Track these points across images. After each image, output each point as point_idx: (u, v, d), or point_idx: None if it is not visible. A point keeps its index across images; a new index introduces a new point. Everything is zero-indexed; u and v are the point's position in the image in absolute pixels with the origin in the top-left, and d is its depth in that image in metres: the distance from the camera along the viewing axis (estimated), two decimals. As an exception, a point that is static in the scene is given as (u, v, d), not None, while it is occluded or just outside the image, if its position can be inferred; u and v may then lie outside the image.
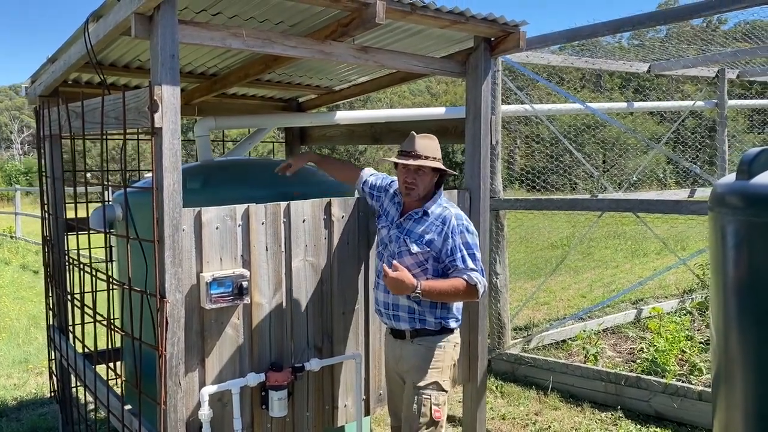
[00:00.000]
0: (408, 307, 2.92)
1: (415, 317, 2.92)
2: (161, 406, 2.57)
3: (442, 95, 37.87)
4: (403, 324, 2.94)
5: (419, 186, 2.91)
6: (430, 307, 2.91)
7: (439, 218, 2.90)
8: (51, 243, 4.00)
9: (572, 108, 7.14)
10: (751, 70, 8.04)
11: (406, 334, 2.95)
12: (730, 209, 2.04)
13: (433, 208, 2.94)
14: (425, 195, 2.96)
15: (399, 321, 2.95)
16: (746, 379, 2.12)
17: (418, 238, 2.89)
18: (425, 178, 2.92)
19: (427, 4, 2.98)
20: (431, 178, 2.95)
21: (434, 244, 2.87)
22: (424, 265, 2.89)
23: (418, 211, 2.95)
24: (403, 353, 2.98)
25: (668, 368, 4.85)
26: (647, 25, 4.95)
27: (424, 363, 2.91)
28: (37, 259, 12.34)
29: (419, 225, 2.92)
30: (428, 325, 2.92)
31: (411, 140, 2.94)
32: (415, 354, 2.94)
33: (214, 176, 3.74)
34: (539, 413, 4.75)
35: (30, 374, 5.88)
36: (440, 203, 2.97)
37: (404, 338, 2.97)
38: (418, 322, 2.92)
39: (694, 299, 7.04)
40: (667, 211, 4.83)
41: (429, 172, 2.92)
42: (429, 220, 2.91)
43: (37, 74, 4.02)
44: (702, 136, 13.19)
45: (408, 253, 2.89)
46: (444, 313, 2.94)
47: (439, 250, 2.87)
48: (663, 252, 11.18)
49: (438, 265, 2.89)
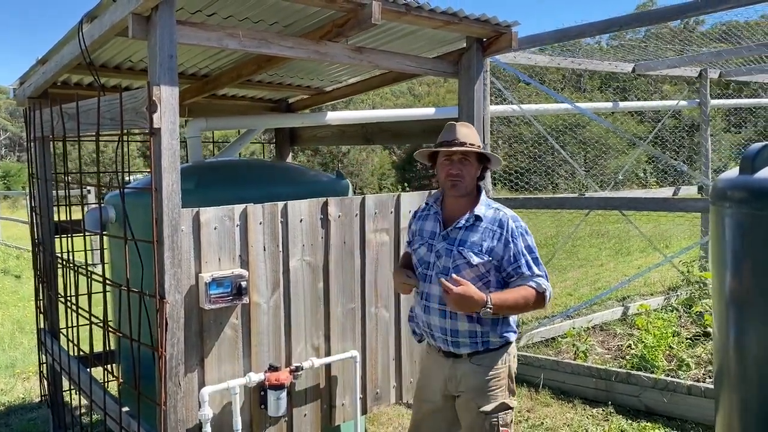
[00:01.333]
0: (469, 331, 2.62)
1: (477, 340, 2.63)
2: (161, 406, 2.56)
3: (424, 96, 37.93)
4: (463, 349, 2.66)
5: (465, 177, 2.61)
6: (492, 325, 2.62)
7: (495, 222, 2.62)
8: (42, 245, 3.97)
9: (558, 108, 7.22)
10: (733, 70, 8.19)
11: (462, 355, 2.68)
12: (734, 203, 2.08)
13: (483, 210, 2.64)
14: (469, 193, 2.66)
15: (459, 347, 2.66)
16: (749, 376, 2.16)
17: (476, 247, 2.59)
18: (471, 169, 2.62)
19: (422, 5, 3.00)
20: (476, 168, 2.65)
21: (495, 251, 2.58)
22: (486, 277, 2.59)
23: (468, 217, 2.63)
24: (458, 373, 2.69)
25: (657, 364, 4.92)
26: (633, 26, 5.03)
27: (486, 385, 2.65)
28: (18, 264, 12.17)
29: (473, 233, 2.61)
30: (492, 345, 2.65)
31: (451, 129, 2.64)
32: (475, 375, 2.66)
33: (207, 177, 3.72)
34: (531, 410, 4.80)
35: (17, 379, 5.81)
36: (489, 204, 2.69)
37: (460, 358, 2.68)
38: (481, 344, 2.63)
39: (679, 296, 7.14)
40: (656, 209, 4.91)
41: (474, 162, 2.63)
42: (483, 225, 2.61)
43: (26, 76, 3.98)
44: (680, 137, 13.38)
45: (467, 266, 2.58)
46: (505, 328, 2.67)
47: (501, 258, 2.58)
48: (647, 250, 11.31)
49: (500, 275, 2.62)
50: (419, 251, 2.76)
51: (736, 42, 7.42)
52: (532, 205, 5.75)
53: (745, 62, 8.05)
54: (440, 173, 2.68)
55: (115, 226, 3.43)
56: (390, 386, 3.52)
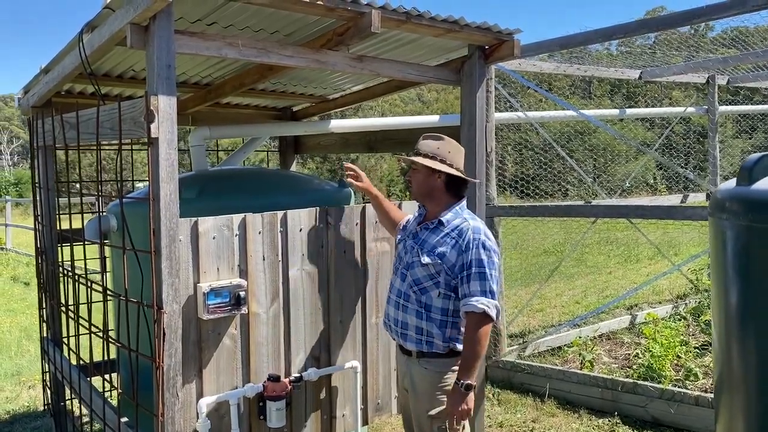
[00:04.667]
0: (416, 327, 2.76)
1: (422, 339, 2.75)
2: (158, 418, 2.54)
3: (433, 103, 37.99)
4: (410, 344, 2.79)
5: (413, 184, 2.85)
6: (439, 327, 2.73)
7: (456, 230, 2.74)
8: (45, 254, 3.97)
9: (565, 115, 7.17)
10: (741, 76, 8.12)
11: (413, 353, 2.81)
12: (731, 215, 2.04)
13: (449, 217, 2.78)
14: (425, 197, 2.85)
15: (407, 340, 2.80)
16: (749, 386, 2.12)
17: (430, 249, 2.74)
18: (418, 176, 2.83)
19: (422, 13, 2.98)
20: (425, 176, 2.81)
21: (447, 257, 2.70)
22: (435, 278, 2.72)
23: (433, 220, 2.81)
24: (411, 372, 2.84)
25: (664, 374, 4.86)
26: (639, 32, 4.99)
27: (433, 389, 2.75)
28: (28, 271, 12.24)
29: (434, 235, 2.77)
30: (436, 348, 2.74)
31: (419, 141, 2.88)
32: (423, 378, 2.78)
33: (209, 186, 3.72)
34: (537, 420, 4.75)
35: (22, 387, 5.82)
36: (459, 214, 2.80)
37: (411, 356, 2.83)
38: (425, 344, 2.75)
39: (688, 304, 7.06)
40: (662, 217, 4.86)
41: (421, 170, 2.81)
42: (444, 230, 2.76)
43: (30, 85, 4.00)
44: (692, 141, 13.30)
45: (419, 265, 2.75)
46: (454, 334, 2.76)
47: (453, 264, 2.69)
48: (656, 257, 11.23)
49: (451, 280, 2.71)
50: (399, 246, 3.00)
51: (745, 48, 7.36)
52: (537, 212, 5.71)
53: (753, 68, 7.98)
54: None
55: (116, 235, 3.43)
56: (391, 396, 3.49)
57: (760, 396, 2.09)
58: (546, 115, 7.40)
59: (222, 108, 4.91)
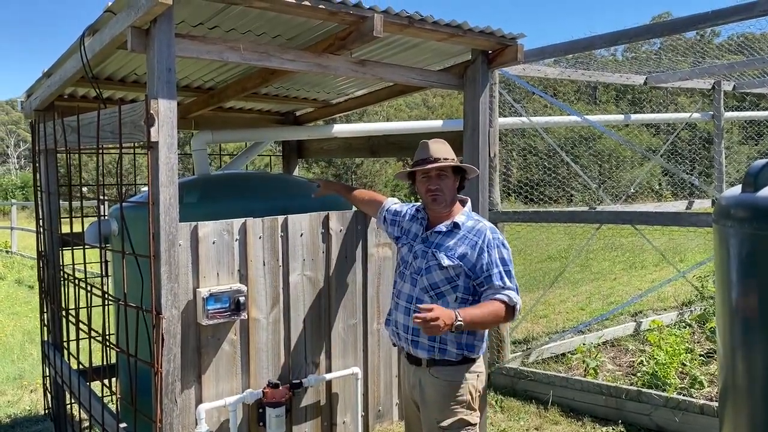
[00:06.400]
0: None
1: (435, 346, 2.65)
2: (157, 423, 2.52)
3: (438, 108, 38.03)
4: (421, 352, 2.68)
5: (444, 191, 2.70)
6: (454, 335, 2.62)
7: (473, 231, 2.69)
8: (46, 258, 3.97)
9: (569, 120, 7.15)
10: (747, 82, 8.07)
11: (422, 362, 2.71)
12: (736, 222, 2.00)
13: (464, 220, 2.73)
14: (452, 203, 2.76)
15: (417, 348, 2.69)
16: (753, 393, 2.09)
17: (449, 251, 2.66)
18: (448, 182, 2.71)
19: (425, 17, 2.97)
20: (454, 181, 2.74)
21: (467, 258, 2.64)
22: (454, 281, 2.64)
23: (448, 223, 2.72)
24: (420, 382, 2.73)
25: (669, 381, 4.81)
26: (643, 37, 4.96)
27: (445, 399, 2.65)
28: (32, 274, 12.25)
29: (449, 238, 2.70)
30: (448, 356, 2.65)
31: (424, 148, 2.74)
32: (434, 388, 2.68)
33: (211, 190, 3.71)
34: (539, 428, 4.70)
35: (24, 391, 5.81)
36: (471, 216, 2.78)
37: (420, 365, 2.72)
38: (437, 351, 2.65)
39: (693, 312, 7.00)
40: (666, 224, 4.82)
41: (451, 174, 2.72)
42: (461, 232, 2.70)
43: (33, 89, 4.00)
44: (698, 147, 13.23)
45: (438, 268, 2.65)
46: (469, 341, 2.68)
47: (473, 265, 2.63)
48: (661, 264, 11.16)
49: (470, 282, 2.65)
50: (402, 250, 2.87)
51: (752, 54, 7.32)
52: (542, 218, 5.67)
53: (760, 74, 7.94)
54: (420, 190, 2.78)
55: (117, 239, 3.42)
56: (392, 403, 3.46)
57: (765, 405, 2.05)
58: (551, 120, 7.38)
59: (225, 112, 4.90)
